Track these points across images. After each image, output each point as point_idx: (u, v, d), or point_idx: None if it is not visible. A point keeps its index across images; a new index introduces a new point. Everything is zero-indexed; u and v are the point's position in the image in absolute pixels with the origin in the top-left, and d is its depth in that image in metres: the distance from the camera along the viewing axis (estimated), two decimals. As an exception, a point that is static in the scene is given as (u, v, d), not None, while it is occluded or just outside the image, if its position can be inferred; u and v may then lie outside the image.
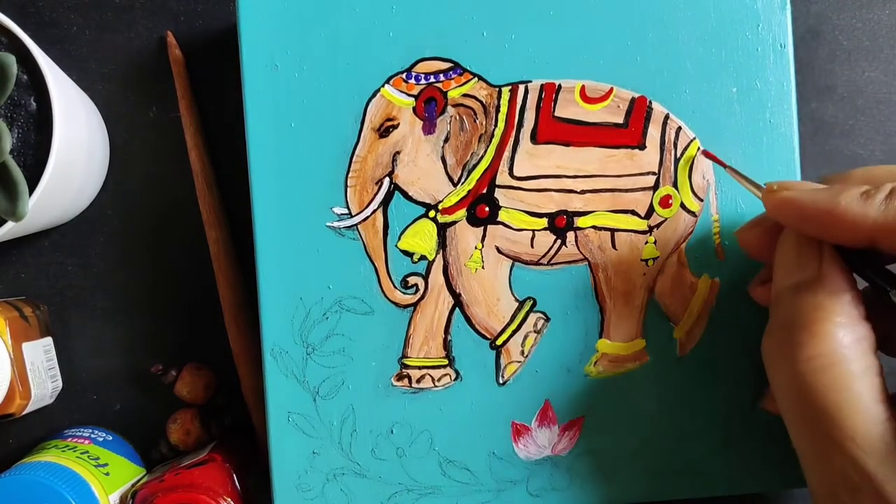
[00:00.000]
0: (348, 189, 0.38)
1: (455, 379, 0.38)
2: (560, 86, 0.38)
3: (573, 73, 0.38)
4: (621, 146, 0.38)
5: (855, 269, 0.32)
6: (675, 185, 0.38)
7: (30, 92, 0.36)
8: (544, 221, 0.38)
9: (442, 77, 0.37)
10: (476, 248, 0.38)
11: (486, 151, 0.38)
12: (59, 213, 0.40)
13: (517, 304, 0.38)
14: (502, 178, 0.38)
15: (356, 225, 0.38)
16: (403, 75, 0.37)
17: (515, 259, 0.38)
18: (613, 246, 0.38)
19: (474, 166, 0.38)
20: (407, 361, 0.38)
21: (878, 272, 0.31)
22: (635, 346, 0.39)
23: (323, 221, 0.38)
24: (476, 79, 0.38)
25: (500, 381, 0.38)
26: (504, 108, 0.38)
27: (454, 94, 0.38)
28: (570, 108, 0.38)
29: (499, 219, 0.38)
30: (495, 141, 0.38)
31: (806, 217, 0.31)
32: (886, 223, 0.29)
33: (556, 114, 0.38)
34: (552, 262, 0.38)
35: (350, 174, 0.38)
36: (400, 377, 0.38)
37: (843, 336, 0.30)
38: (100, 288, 0.43)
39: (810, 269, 0.31)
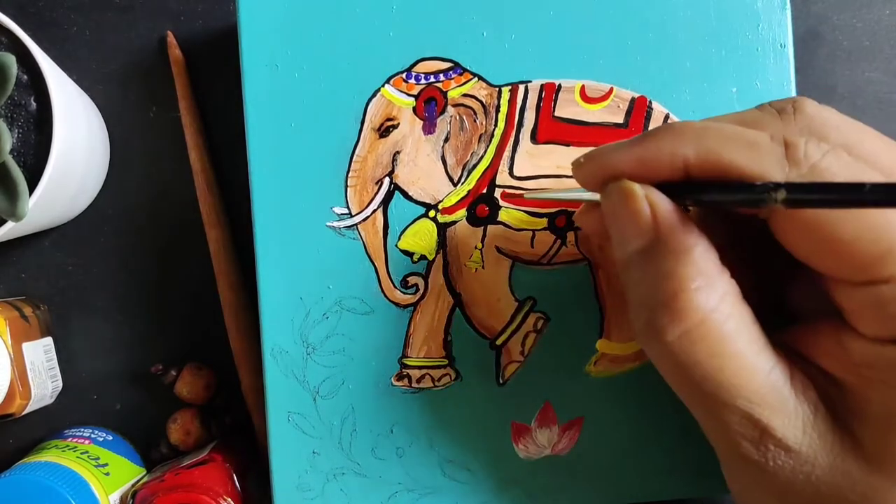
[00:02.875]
0: (348, 189, 0.38)
1: (455, 379, 0.38)
2: (560, 86, 0.38)
3: (573, 73, 0.38)
4: (621, 146, 0.38)
5: (688, 201, 0.29)
6: (675, 184, 0.38)
7: (30, 92, 0.36)
8: (544, 221, 0.38)
9: (442, 77, 0.37)
10: (476, 247, 0.38)
11: (486, 151, 0.38)
12: (59, 213, 0.40)
13: (517, 303, 0.38)
14: (502, 177, 0.38)
15: (356, 225, 0.38)
16: (403, 75, 0.37)
17: (515, 259, 0.38)
18: (613, 246, 0.38)
19: (474, 166, 0.38)
20: (407, 361, 0.38)
21: (708, 191, 0.28)
22: (635, 346, 0.39)
23: (323, 221, 0.38)
24: (476, 79, 0.38)
25: (500, 381, 0.38)
26: (504, 108, 0.38)
27: (454, 93, 0.38)
28: (570, 107, 0.38)
29: (499, 218, 0.38)
30: (495, 141, 0.38)
31: (622, 172, 0.29)
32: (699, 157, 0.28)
33: (556, 114, 0.38)
34: (552, 261, 0.38)
35: (350, 174, 0.38)
36: (400, 377, 0.38)
37: (705, 301, 0.27)
38: (100, 288, 0.43)
39: (646, 231, 0.29)
